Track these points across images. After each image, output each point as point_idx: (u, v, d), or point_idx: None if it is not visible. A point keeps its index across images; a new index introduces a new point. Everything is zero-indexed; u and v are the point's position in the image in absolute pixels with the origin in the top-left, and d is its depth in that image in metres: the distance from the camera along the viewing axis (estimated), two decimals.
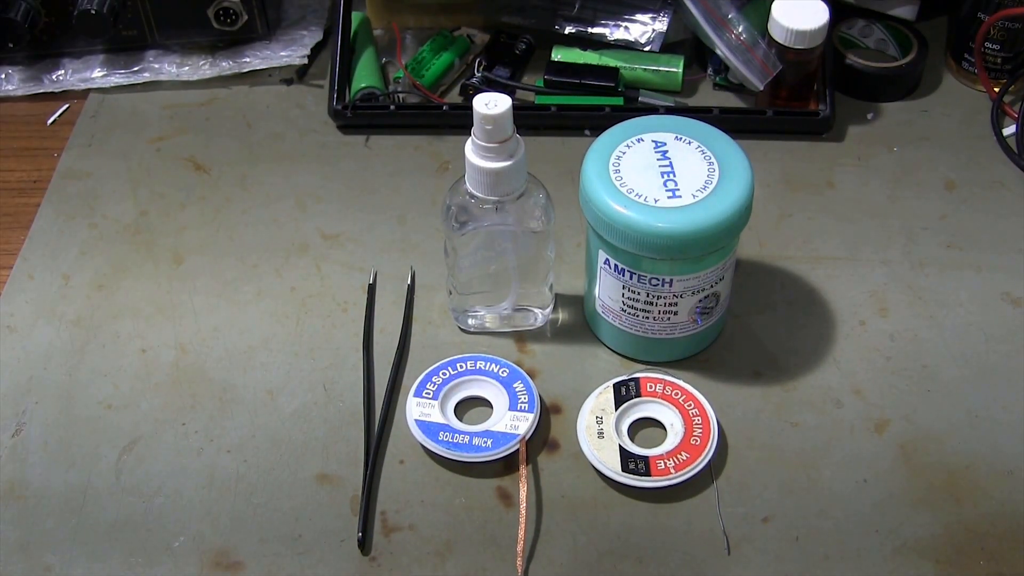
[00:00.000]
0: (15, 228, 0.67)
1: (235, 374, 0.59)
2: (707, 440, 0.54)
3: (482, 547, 0.52)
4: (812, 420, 0.56)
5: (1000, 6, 0.70)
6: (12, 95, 0.76)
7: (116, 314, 0.62)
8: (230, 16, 0.74)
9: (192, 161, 0.71)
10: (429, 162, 0.71)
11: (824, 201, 0.68)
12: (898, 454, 0.55)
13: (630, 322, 0.57)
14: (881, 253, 0.64)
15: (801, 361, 0.59)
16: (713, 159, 0.53)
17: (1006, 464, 0.54)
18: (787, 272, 0.63)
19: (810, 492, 0.53)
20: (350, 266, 0.64)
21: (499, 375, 0.57)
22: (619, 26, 0.74)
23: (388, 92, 0.73)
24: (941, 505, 0.53)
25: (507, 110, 0.50)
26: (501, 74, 0.75)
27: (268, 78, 0.77)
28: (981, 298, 0.62)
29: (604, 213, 0.51)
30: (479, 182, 0.52)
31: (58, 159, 0.72)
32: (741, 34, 0.69)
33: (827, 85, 0.71)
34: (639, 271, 0.53)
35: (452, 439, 0.54)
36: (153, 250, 0.66)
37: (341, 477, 0.55)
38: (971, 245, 0.65)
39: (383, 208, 0.68)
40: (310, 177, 0.70)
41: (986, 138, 0.71)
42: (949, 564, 0.51)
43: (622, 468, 0.53)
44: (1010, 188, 0.68)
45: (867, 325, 0.61)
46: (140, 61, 0.77)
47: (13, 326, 0.62)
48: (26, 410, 0.58)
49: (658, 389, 0.56)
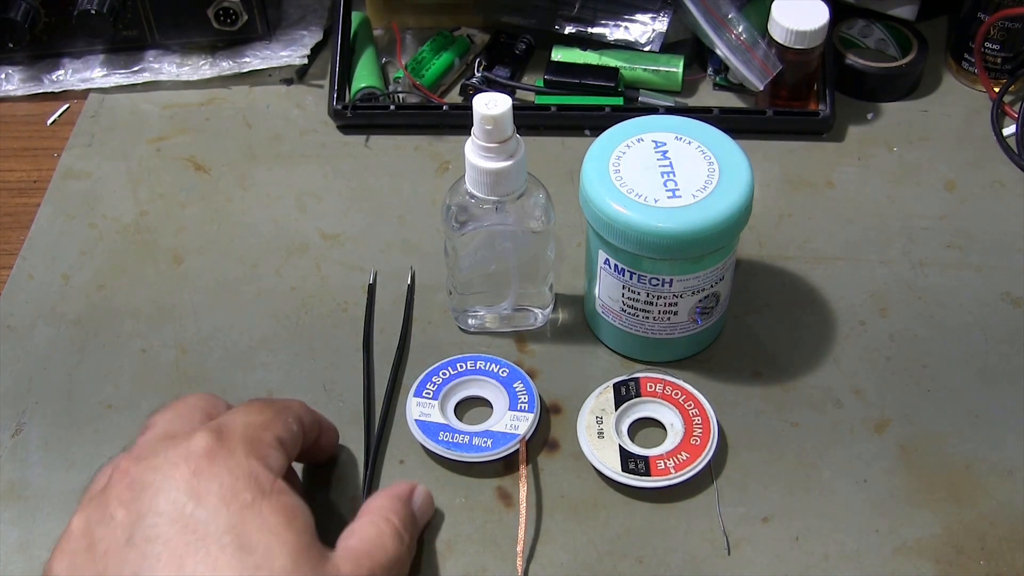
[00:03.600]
0: (15, 228, 0.67)
1: (235, 374, 0.59)
2: (707, 440, 0.54)
3: (482, 547, 0.52)
4: (812, 420, 0.56)
5: (1000, 6, 0.70)
6: (12, 95, 0.76)
7: (116, 314, 0.62)
8: (230, 16, 0.74)
9: (192, 161, 0.71)
10: (429, 162, 0.71)
11: (824, 201, 0.68)
12: (898, 454, 0.55)
13: (630, 322, 0.57)
14: (881, 253, 0.64)
15: (801, 361, 0.59)
16: (713, 159, 0.53)
17: (1006, 464, 0.54)
18: (787, 272, 0.63)
19: (810, 492, 0.53)
20: (350, 266, 0.64)
21: (499, 375, 0.57)
22: (619, 26, 0.74)
23: (388, 92, 0.73)
24: (941, 505, 0.53)
25: (507, 110, 0.50)
26: (501, 74, 0.75)
27: (268, 78, 0.77)
28: (981, 298, 0.62)
29: (604, 213, 0.51)
30: (479, 182, 0.52)
31: (58, 159, 0.72)
32: (741, 34, 0.69)
33: (827, 85, 0.71)
34: (639, 271, 0.53)
35: (452, 439, 0.54)
36: (153, 250, 0.66)
37: (341, 477, 0.55)
38: (971, 245, 0.65)
39: (383, 208, 0.68)
40: (310, 177, 0.70)
41: (986, 138, 0.71)
42: (949, 564, 0.51)
43: (622, 468, 0.53)
44: (1010, 188, 0.68)
45: (867, 325, 0.61)
46: (140, 61, 0.77)
47: (13, 326, 0.62)
48: (26, 410, 0.58)
49: (658, 389, 0.56)
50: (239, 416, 0.46)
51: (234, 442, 0.44)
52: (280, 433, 0.46)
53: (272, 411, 0.47)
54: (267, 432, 0.46)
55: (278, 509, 0.43)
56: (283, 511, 0.43)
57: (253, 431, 0.45)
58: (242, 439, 0.45)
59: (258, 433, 0.46)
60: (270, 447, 0.45)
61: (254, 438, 0.45)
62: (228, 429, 0.45)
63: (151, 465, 0.43)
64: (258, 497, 0.43)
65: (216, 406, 0.48)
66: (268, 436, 0.46)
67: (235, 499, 0.42)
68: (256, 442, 0.45)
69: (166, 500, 0.42)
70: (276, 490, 0.44)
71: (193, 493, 0.42)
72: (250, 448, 0.44)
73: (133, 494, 0.43)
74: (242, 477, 0.43)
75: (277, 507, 0.43)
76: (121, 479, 0.43)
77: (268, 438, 0.46)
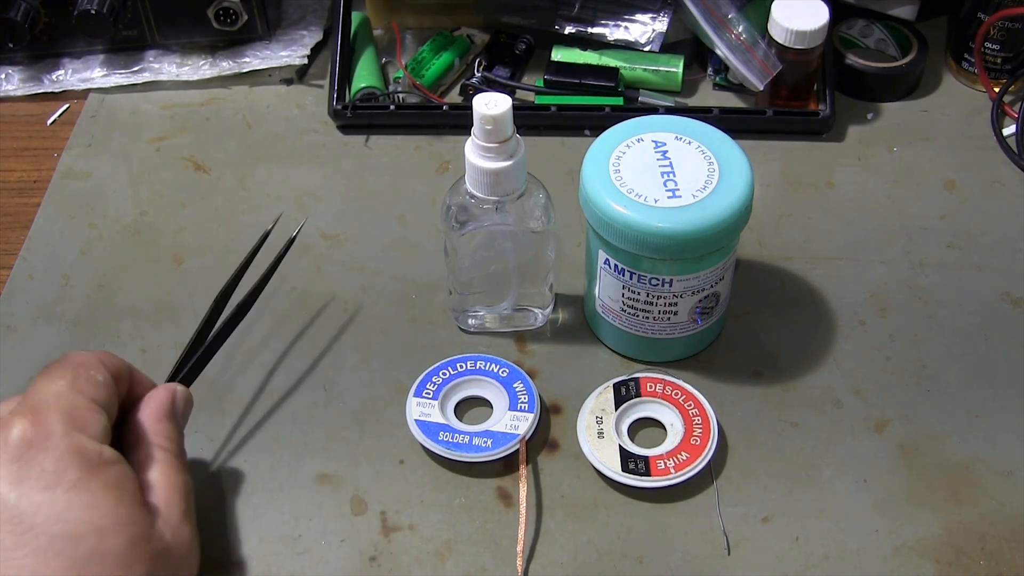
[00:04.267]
0: (15, 228, 0.67)
1: (235, 374, 0.59)
2: (707, 440, 0.54)
3: (482, 547, 0.52)
4: (812, 420, 0.56)
5: (1000, 6, 0.70)
6: (12, 95, 0.76)
7: (116, 314, 0.62)
8: (230, 16, 0.74)
9: (192, 161, 0.71)
10: (429, 162, 0.71)
11: (824, 201, 0.68)
12: (898, 454, 0.55)
13: (630, 322, 0.57)
14: (881, 253, 0.64)
15: (801, 361, 0.59)
16: (713, 159, 0.53)
17: (1006, 464, 0.54)
18: (787, 272, 0.63)
19: (810, 492, 0.53)
20: (350, 266, 0.64)
21: (499, 375, 0.57)
22: (619, 26, 0.74)
23: (388, 92, 0.74)
24: (941, 505, 0.53)
25: (507, 110, 0.50)
26: (501, 74, 0.75)
27: (268, 78, 0.77)
28: (981, 298, 0.62)
29: (604, 213, 0.51)
30: (479, 182, 0.52)
31: (58, 159, 0.72)
32: (741, 34, 0.69)
33: (827, 85, 0.71)
34: (639, 271, 0.53)
35: (452, 439, 0.54)
36: (153, 250, 0.66)
37: (341, 477, 0.55)
38: (971, 245, 0.65)
39: (383, 208, 0.68)
40: (310, 177, 0.70)
41: (986, 138, 0.71)
42: (949, 564, 0.51)
43: (622, 468, 0.53)
44: (1010, 188, 0.68)
45: (867, 325, 0.61)
46: (140, 61, 0.77)
47: (13, 326, 0.62)
48: None
49: (658, 389, 0.56)
50: (45, 386, 0.44)
51: (50, 419, 0.43)
52: (91, 392, 0.45)
53: (71, 368, 0.45)
54: (79, 396, 0.44)
55: (108, 483, 0.42)
56: (113, 485, 0.42)
57: (65, 399, 0.44)
58: (57, 411, 0.43)
59: (71, 400, 0.44)
60: (87, 411, 0.44)
61: (69, 408, 0.43)
62: (40, 405, 0.43)
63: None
64: (85, 474, 0.42)
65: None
66: (81, 400, 0.44)
67: (61, 481, 0.41)
68: (72, 411, 0.43)
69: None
70: (103, 461, 0.43)
71: (15, 482, 0.41)
72: (68, 420, 0.43)
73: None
74: (65, 455, 0.42)
75: (106, 481, 0.42)
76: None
77: (82, 402, 0.44)
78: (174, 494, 0.46)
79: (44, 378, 0.45)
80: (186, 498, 0.47)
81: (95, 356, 0.47)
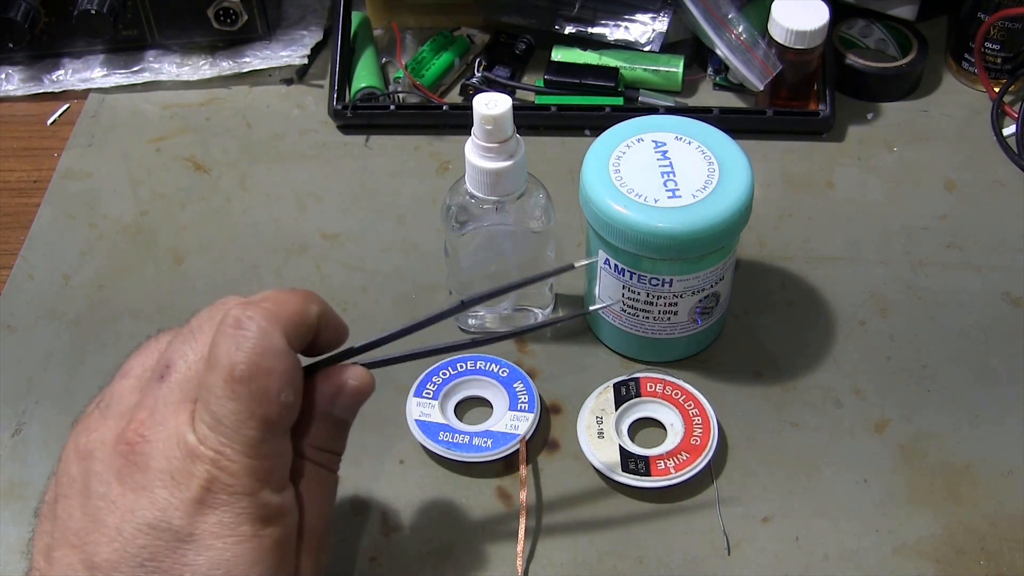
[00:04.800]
0: (15, 228, 0.67)
1: None
2: (707, 440, 0.54)
3: (482, 547, 0.52)
4: (812, 420, 0.56)
5: (1000, 6, 0.70)
6: (12, 95, 0.76)
7: (116, 314, 0.62)
8: (230, 16, 0.74)
9: (192, 161, 0.71)
10: (429, 162, 0.71)
11: (824, 201, 0.68)
12: (898, 454, 0.55)
13: (630, 322, 0.57)
14: (881, 253, 0.64)
15: (801, 361, 0.59)
16: (713, 159, 0.53)
17: (1006, 464, 0.54)
18: (787, 272, 0.63)
19: (810, 492, 0.53)
20: (350, 266, 0.64)
21: (499, 375, 0.57)
22: (619, 26, 0.74)
23: (388, 92, 0.73)
24: (941, 505, 0.53)
25: (507, 110, 0.50)
26: (501, 74, 0.75)
27: (268, 78, 0.77)
28: (981, 298, 0.62)
29: (604, 213, 0.51)
30: (479, 182, 0.52)
31: (58, 159, 0.72)
32: (741, 34, 0.69)
33: (827, 85, 0.71)
34: (639, 271, 0.53)
35: (452, 439, 0.54)
36: (153, 250, 0.66)
37: (341, 477, 0.54)
38: (971, 245, 0.65)
39: (383, 208, 0.68)
40: (310, 177, 0.70)
41: (986, 138, 0.71)
42: (949, 564, 0.51)
43: (622, 468, 0.53)
44: (1010, 188, 0.68)
45: (867, 325, 0.61)
46: (140, 61, 0.77)
47: (13, 326, 0.62)
48: (26, 410, 0.58)
49: (658, 389, 0.56)
50: (227, 405, 0.37)
51: (236, 464, 0.37)
52: (280, 422, 0.39)
53: (259, 385, 0.37)
54: (268, 436, 0.38)
55: (277, 541, 0.39)
56: (280, 543, 0.39)
57: (252, 437, 0.37)
58: (243, 455, 0.37)
59: (257, 440, 0.38)
60: (275, 459, 0.39)
61: (256, 453, 0.37)
62: (225, 433, 0.37)
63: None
64: (259, 530, 0.38)
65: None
66: (268, 445, 0.38)
67: (235, 532, 0.38)
68: (260, 458, 0.38)
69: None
70: (280, 514, 0.39)
71: (191, 519, 0.37)
72: (254, 473, 0.38)
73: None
74: (246, 512, 0.38)
75: (276, 539, 0.39)
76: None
77: (268, 449, 0.38)
78: (322, 554, 0.42)
79: (228, 385, 0.37)
80: (327, 544, 0.42)
81: (286, 360, 0.39)
